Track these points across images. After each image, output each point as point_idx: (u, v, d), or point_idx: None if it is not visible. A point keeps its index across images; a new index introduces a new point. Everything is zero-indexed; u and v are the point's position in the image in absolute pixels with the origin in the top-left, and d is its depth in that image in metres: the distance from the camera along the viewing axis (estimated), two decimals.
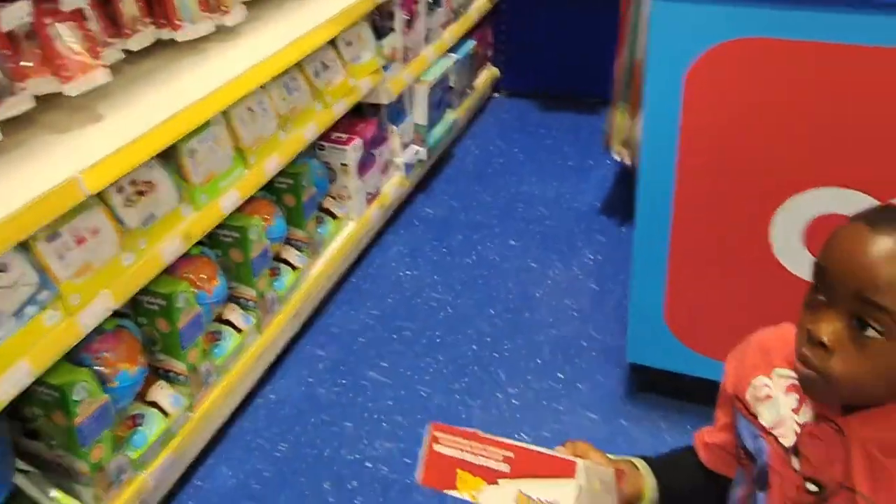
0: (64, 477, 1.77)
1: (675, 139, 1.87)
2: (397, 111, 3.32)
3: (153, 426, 1.96)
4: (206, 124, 2.00)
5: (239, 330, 2.30)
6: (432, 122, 3.52)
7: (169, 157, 1.94)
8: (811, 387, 0.89)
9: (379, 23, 2.98)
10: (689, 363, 2.12)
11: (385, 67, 2.98)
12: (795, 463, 0.97)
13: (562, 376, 2.47)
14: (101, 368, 1.80)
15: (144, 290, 1.95)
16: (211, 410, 2.14)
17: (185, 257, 2.11)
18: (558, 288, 2.89)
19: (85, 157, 1.60)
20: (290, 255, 2.60)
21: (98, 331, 1.83)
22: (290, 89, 2.43)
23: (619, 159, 3.16)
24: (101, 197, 1.73)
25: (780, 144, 1.79)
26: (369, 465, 2.19)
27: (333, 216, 2.87)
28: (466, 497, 0.89)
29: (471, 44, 3.96)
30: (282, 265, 2.58)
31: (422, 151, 3.44)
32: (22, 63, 1.58)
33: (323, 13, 2.51)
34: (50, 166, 1.58)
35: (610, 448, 1.09)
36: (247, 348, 2.31)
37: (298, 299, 2.57)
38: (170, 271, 2.04)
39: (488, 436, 0.93)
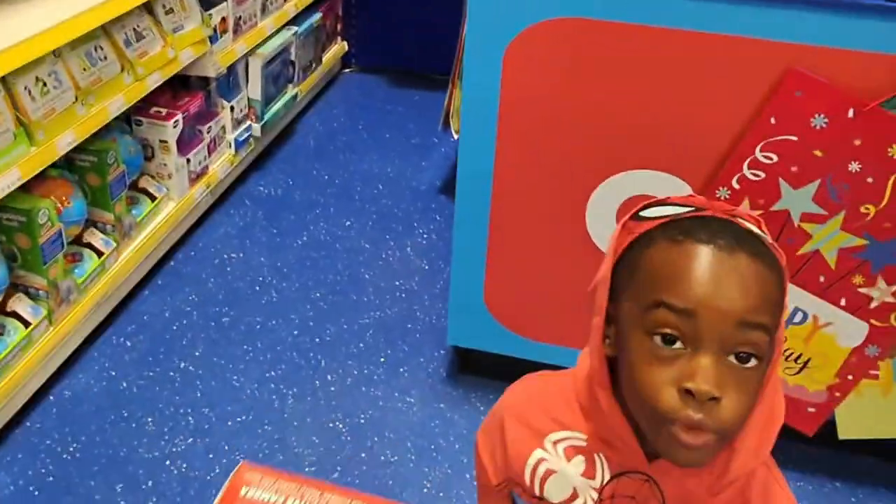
0: None
1: (495, 118, 1.85)
2: (229, 85, 3.14)
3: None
4: None
5: (26, 323, 2.09)
6: (269, 97, 3.37)
7: None
8: (705, 454, 0.74)
9: None
10: (509, 345, 2.13)
11: (212, 38, 2.79)
12: None
13: (383, 360, 2.44)
14: None
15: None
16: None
17: None
18: (389, 269, 2.85)
19: None
20: (95, 238, 2.41)
21: None
22: (95, 59, 2.21)
23: (456, 137, 3.15)
24: None
25: (594, 126, 1.80)
26: (168, 464, 2.07)
27: (151, 197, 2.68)
28: None
29: (316, 16, 3.82)
30: (85, 250, 2.37)
31: (255, 128, 3.29)
32: None
33: None
34: None
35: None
36: (34, 344, 2.11)
37: (103, 286, 2.38)
38: None
39: (311, 479, 0.81)
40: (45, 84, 2.00)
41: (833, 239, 1.77)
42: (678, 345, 0.73)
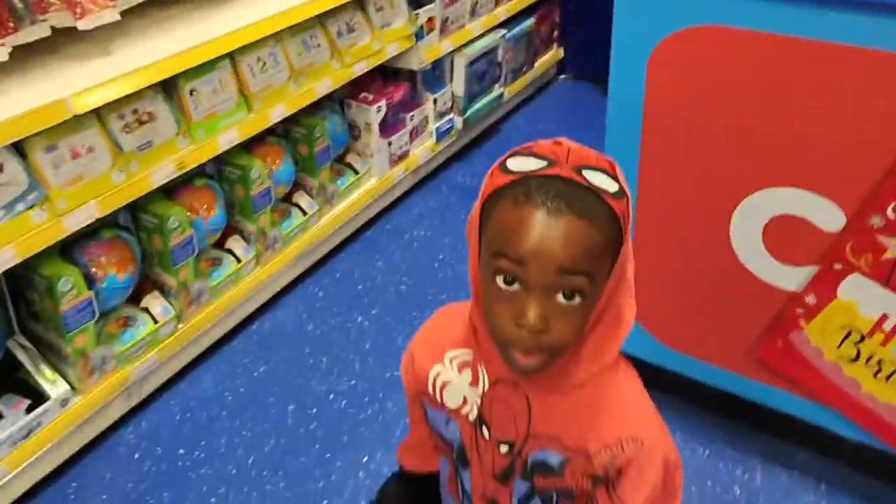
0: (56, 356, 2.08)
1: (639, 125, 1.87)
2: (435, 79, 3.47)
3: (141, 328, 2.24)
4: (211, 67, 2.25)
5: (238, 259, 2.55)
6: (472, 94, 3.65)
7: (173, 93, 2.20)
8: (538, 368, 0.92)
9: None
10: (654, 353, 2.09)
11: (418, 36, 3.14)
12: (486, 432, 1.05)
13: None
14: (92, 269, 2.09)
15: (144, 209, 2.23)
16: (201, 325, 2.41)
17: (189, 186, 2.38)
18: None
19: (81, 82, 1.88)
20: (302, 200, 2.84)
21: (96, 237, 2.13)
22: (309, 46, 2.64)
23: None
24: (100, 120, 2.01)
25: (738, 138, 1.75)
26: (331, 398, 2.39)
27: (355, 171, 3.08)
28: None
29: (528, 22, 4.05)
30: (293, 208, 2.81)
31: (458, 121, 3.58)
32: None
33: None
34: (51, 87, 1.86)
35: None
36: (243, 277, 2.56)
37: (304, 241, 2.79)
38: (171, 196, 2.32)
39: None
40: (264, 63, 2.45)
41: None
42: (515, 286, 0.88)
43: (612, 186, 0.90)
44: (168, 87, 2.18)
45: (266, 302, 2.75)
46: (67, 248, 2.08)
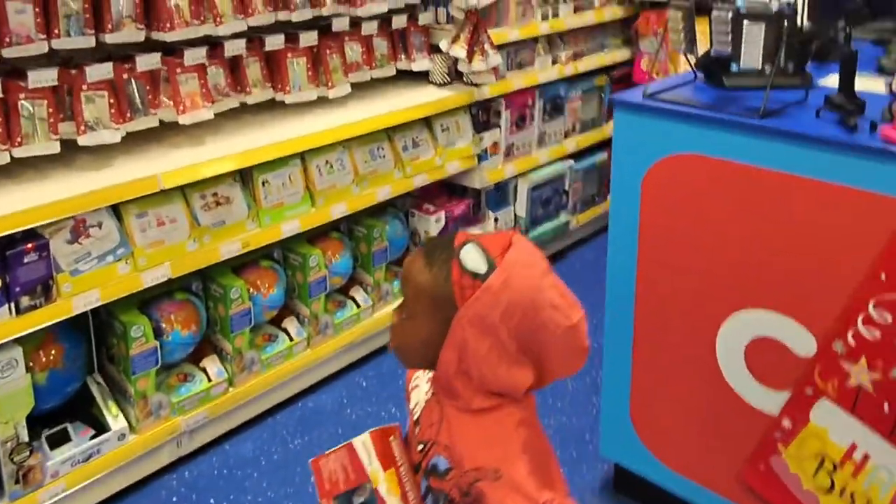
0: (122, 396, 2.51)
1: (636, 242, 2.13)
2: (499, 199, 3.91)
3: (197, 384, 2.65)
4: (283, 164, 2.77)
5: (291, 338, 2.96)
6: (535, 217, 4.05)
7: (248, 182, 2.72)
8: (402, 362, 1.34)
9: (482, 117, 3.66)
10: (652, 469, 2.24)
11: (481, 157, 3.61)
12: (416, 431, 1.36)
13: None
14: (162, 324, 2.54)
15: (214, 279, 2.71)
16: (250, 392, 2.79)
17: (255, 265, 2.85)
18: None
19: (172, 164, 2.42)
20: (358, 294, 3.25)
21: (170, 297, 2.60)
22: (375, 155, 3.15)
23: None
24: (185, 197, 2.54)
25: (721, 259, 1.95)
26: None
27: None
28: None
29: (600, 156, 4.47)
30: (348, 300, 3.23)
31: None
32: (157, 97, 2.47)
33: (417, 100, 3.25)
34: (149, 166, 2.41)
35: None
36: (294, 355, 2.95)
37: (355, 332, 3.18)
38: (238, 272, 2.79)
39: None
40: (332, 165, 2.96)
41: None
42: None
43: (474, 265, 1.23)
44: (245, 177, 2.70)
45: (314, 383, 3.11)
46: (145, 303, 2.55)
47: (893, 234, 1.65)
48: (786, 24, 1.79)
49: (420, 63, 3.32)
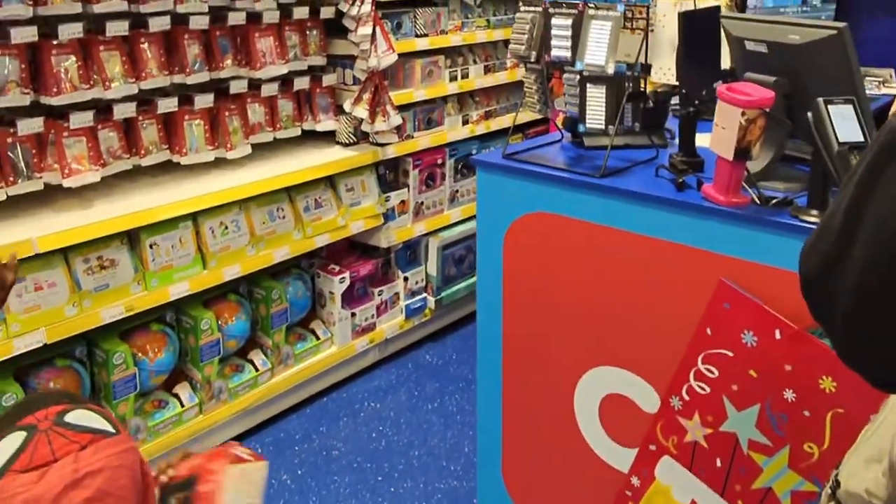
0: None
1: (500, 298, 2.33)
2: (409, 258, 4.14)
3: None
4: (174, 225, 2.96)
5: (182, 404, 3.11)
6: (448, 277, 4.29)
7: (136, 245, 2.90)
8: None
9: (389, 176, 3.91)
10: None
11: (389, 216, 3.85)
12: None
13: None
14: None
15: (97, 345, 2.86)
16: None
17: (145, 330, 3.01)
18: None
19: (52, 226, 2.59)
20: (257, 357, 3.43)
21: (51, 364, 2.74)
22: (274, 216, 3.36)
23: None
24: (67, 261, 2.70)
25: (574, 315, 2.15)
26: None
27: (317, 336, 3.68)
28: None
29: None
30: (246, 363, 3.40)
31: (430, 301, 4.20)
32: (43, 160, 2.65)
33: (320, 160, 3.48)
34: (29, 229, 2.58)
35: None
36: (186, 422, 3.10)
37: (252, 397, 3.34)
38: (126, 336, 2.95)
39: None
40: (226, 227, 3.15)
41: (784, 479, 1.82)
42: None
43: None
44: (133, 239, 2.88)
45: None
46: (23, 371, 2.69)
47: (715, 290, 1.85)
48: (626, 86, 2.04)
49: (325, 123, 3.57)
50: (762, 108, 1.73)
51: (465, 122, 4.24)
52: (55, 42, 2.58)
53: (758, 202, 1.85)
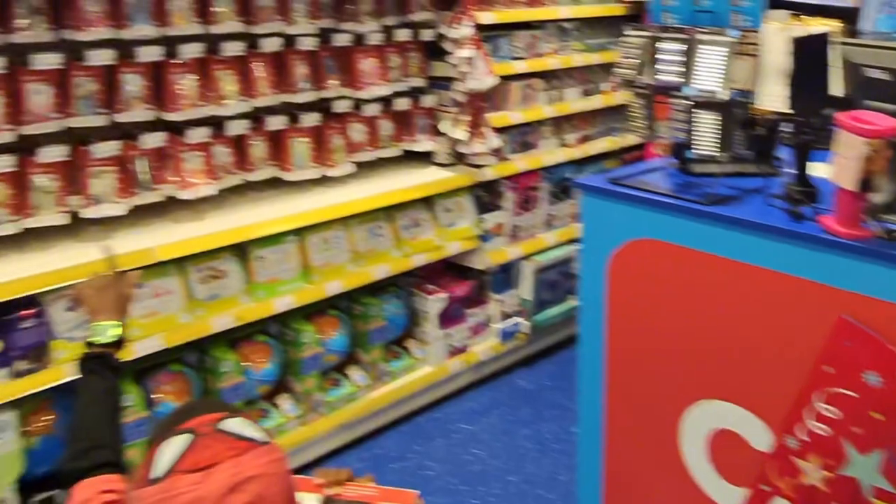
0: None
1: (604, 326, 2.30)
2: (503, 281, 4.19)
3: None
4: (280, 240, 3.09)
5: (284, 415, 3.22)
6: (542, 301, 4.30)
7: (245, 257, 3.04)
8: None
9: (486, 198, 3.98)
10: None
11: (484, 238, 3.92)
12: None
13: None
14: (154, 394, 2.83)
15: (207, 352, 3.00)
16: None
17: (251, 340, 3.15)
18: None
19: (171, 237, 2.75)
20: (353, 372, 3.52)
21: (166, 369, 2.89)
22: (374, 234, 3.47)
23: None
24: (181, 271, 2.85)
25: (682, 346, 2.09)
26: None
27: (412, 356, 3.76)
28: None
29: None
30: (343, 378, 3.49)
31: (524, 325, 4.22)
32: (162, 173, 2.83)
33: (418, 180, 3.59)
34: (150, 239, 2.74)
35: None
36: (286, 432, 3.21)
37: (350, 412, 3.43)
38: (233, 346, 3.08)
39: None
40: (328, 243, 3.28)
41: None
42: None
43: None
44: (241, 251, 3.03)
45: (306, 463, 3.34)
46: (141, 373, 2.84)
47: (835, 326, 1.78)
48: (736, 112, 2.05)
49: (423, 144, 3.68)
50: (888, 138, 1.69)
51: (562, 146, 4.29)
52: (176, 61, 2.76)
53: (882, 236, 1.78)
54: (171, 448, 1.28)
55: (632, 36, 2.25)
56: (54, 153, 2.54)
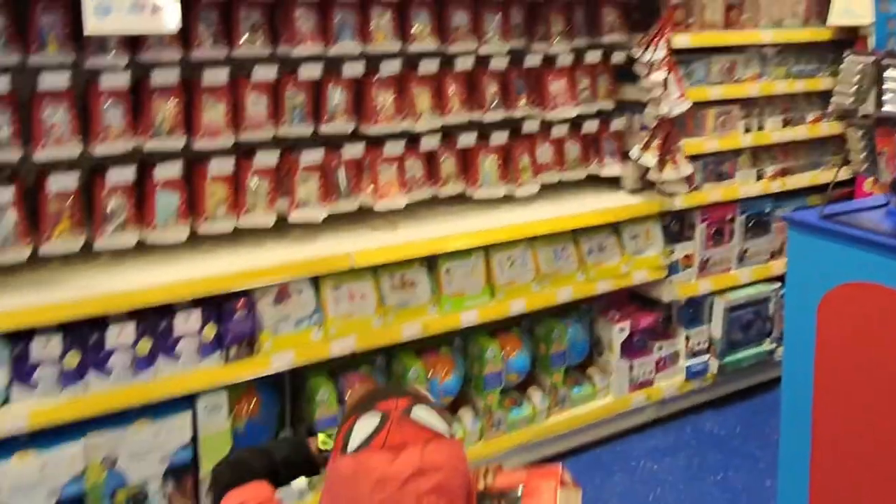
0: None
1: (811, 373, 2.19)
2: (691, 316, 4.08)
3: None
4: (467, 255, 3.20)
5: (464, 429, 3.28)
6: (734, 341, 4.13)
7: (434, 269, 3.17)
8: None
9: (674, 228, 3.92)
10: None
11: (673, 269, 3.85)
12: None
13: None
14: (346, 392, 2.96)
15: (395, 358, 3.13)
16: None
17: (436, 351, 3.25)
18: None
19: (365, 244, 2.92)
20: (535, 394, 3.54)
21: (356, 370, 3.04)
22: (559, 256, 3.51)
23: None
24: (375, 277, 3.02)
25: None
26: None
27: (593, 384, 3.73)
28: None
29: None
30: (523, 398, 3.52)
31: (713, 365, 4.07)
32: (360, 183, 3.02)
33: (605, 204, 3.60)
34: (346, 245, 2.92)
35: None
36: (467, 446, 3.26)
37: (529, 433, 3.44)
38: (419, 355, 3.19)
39: None
40: (513, 262, 3.35)
41: None
42: None
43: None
44: (431, 263, 3.15)
45: None
46: (332, 373, 3.00)
47: None
48: None
49: (611, 168, 3.70)
50: None
51: (759, 178, 4.16)
52: (376, 77, 2.97)
53: None
54: (366, 425, 1.37)
55: (852, 62, 2.14)
56: (268, 159, 2.78)
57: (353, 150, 2.97)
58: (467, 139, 3.24)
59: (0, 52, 2.38)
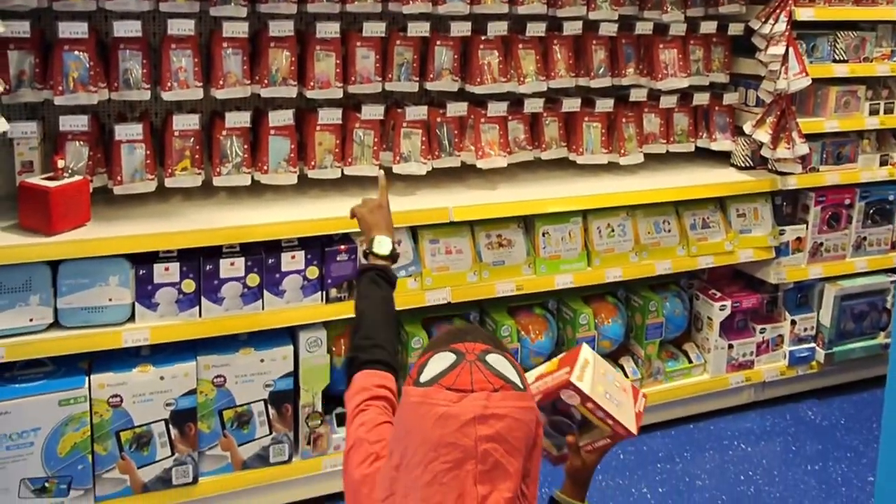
0: None
1: None
2: (798, 301, 3.98)
3: None
4: (565, 219, 3.25)
5: None
6: (843, 332, 4.00)
7: (531, 231, 3.24)
8: None
9: (786, 209, 3.83)
10: None
11: (781, 251, 3.77)
12: None
13: None
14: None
15: (488, 314, 3.22)
16: None
17: (529, 311, 3.32)
18: None
19: (464, 200, 3.02)
20: (628, 364, 3.56)
21: (449, 322, 3.16)
22: (660, 228, 3.51)
23: None
24: (472, 233, 3.11)
25: None
26: None
27: (689, 359, 3.71)
28: None
29: None
30: (616, 368, 3.52)
31: (819, 353, 3.96)
32: (463, 141, 3.12)
33: (711, 179, 3.56)
34: (446, 199, 3.03)
35: None
36: None
37: None
38: (512, 313, 3.27)
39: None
40: (612, 229, 3.37)
41: None
42: None
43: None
44: (528, 225, 3.22)
45: None
46: (426, 322, 3.12)
47: None
48: None
49: (721, 143, 3.65)
50: None
51: (884, 164, 4.00)
52: (483, 38, 3.05)
53: None
54: (440, 362, 1.42)
55: None
56: (374, 112, 2.91)
57: (457, 109, 3.06)
58: (572, 104, 3.28)
59: None
